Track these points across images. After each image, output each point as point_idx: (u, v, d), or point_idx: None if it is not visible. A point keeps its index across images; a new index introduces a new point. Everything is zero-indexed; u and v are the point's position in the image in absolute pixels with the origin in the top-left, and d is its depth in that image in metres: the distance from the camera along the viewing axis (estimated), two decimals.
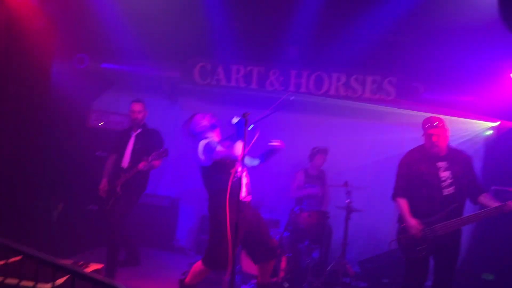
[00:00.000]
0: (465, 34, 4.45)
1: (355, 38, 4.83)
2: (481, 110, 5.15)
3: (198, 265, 3.45)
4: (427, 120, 3.56)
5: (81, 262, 3.28)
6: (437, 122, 3.48)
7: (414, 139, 5.07)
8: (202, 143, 3.46)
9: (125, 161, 4.48)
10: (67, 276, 2.38)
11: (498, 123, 5.06)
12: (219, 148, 3.36)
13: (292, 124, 5.78)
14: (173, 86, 5.78)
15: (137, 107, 4.53)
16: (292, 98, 4.43)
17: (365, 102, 5.38)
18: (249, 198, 3.55)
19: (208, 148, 3.38)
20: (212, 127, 3.62)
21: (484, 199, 3.45)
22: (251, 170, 3.67)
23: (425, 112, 5.47)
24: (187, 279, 3.48)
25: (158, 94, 5.86)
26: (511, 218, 3.40)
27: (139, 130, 4.56)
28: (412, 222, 3.42)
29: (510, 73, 4.60)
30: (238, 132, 3.34)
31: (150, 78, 5.66)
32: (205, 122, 3.63)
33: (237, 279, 4.43)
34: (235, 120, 3.38)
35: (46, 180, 4.70)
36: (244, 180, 3.47)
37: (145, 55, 5.49)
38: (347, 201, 4.78)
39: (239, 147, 3.27)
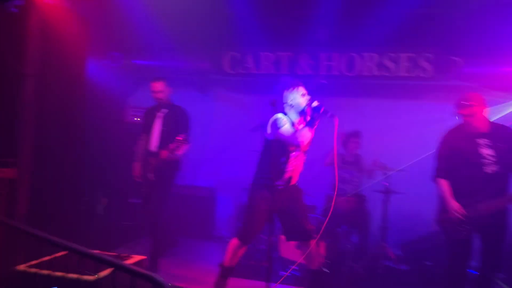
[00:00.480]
0: (503, 1, 4.18)
1: (385, 14, 4.65)
2: None
3: (233, 242, 3.53)
4: (458, 99, 3.39)
5: (125, 254, 3.41)
6: (467, 101, 3.30)
7: (454, 116, 4.90)
8: (275, 116, 3.37)
9: (153, 144, 4.35)
10: (111, 269, 2.48)
11: None
12: (285, 128, 3.28)
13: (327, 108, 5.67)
14: (204, 78, 5.82)
15: (156, 86, 4.36)
16: (323, 81, 4.37)
17: (401, 81, 5.19)
18: (293, 182, 3.51)
19: (276, 124, 3.31)
20: (300, 109, 3.38)
21: None
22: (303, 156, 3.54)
23: (466, 86, 5.26)
24: (226, 261, 3.55)
25: (190, 86, 5.93)
26: None
27: (165, 110, 4.40)
28: (454, 204, 3.30)
29: None
30: (312, 119, 3.28)
31: (181, 71, 5.72)
32: (297, 99, 3.37)
33: (275, 265, 4.47)
34: (314, 104, 3.29)
35: (89, 176, 4.89)
36: (290, 171, 3.42)
37: (175, 49, 5.57)
38: (385, 184, 4.68)
39: (305, 134, 3.24)
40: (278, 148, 3.31)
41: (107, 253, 3.51)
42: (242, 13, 4.88)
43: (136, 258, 3.37)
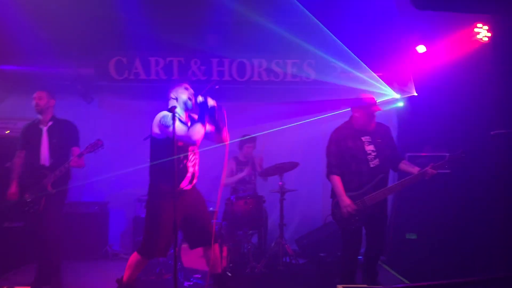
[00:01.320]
0: (374, 14, 4.71)
1: (272, 24, 4.89)
2: (391, 84, 5.55)
3: (133, 257, 3.32)
4: (369, 99, 3.72)
5: (5, 287, 2.98)
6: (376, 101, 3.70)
7: (339, 116, 5.35)
8: (161, 114, 3.25)
9: (44, 159, 4.05)
10: None
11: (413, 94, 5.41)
12: (176, 126, 3.10)
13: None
14: (88, 84, 5.40)
15: (38, 93, 4.12)
16: (217, 87, 4.39)
17: (288, 86, 5.50)
18: (191, 185, 3.42)
19: (164, 122, 3.17)
20: (184, 102, 3.35)
21: (405, 166, 3.77)
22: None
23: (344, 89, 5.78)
24: (125, 277, 3.32)
25: (72, 94, 5.44)
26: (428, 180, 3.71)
27: (50, 123, 4.15)
28: (347, 201, 3.60)
29: (415, 47, 4.98)
30: (200, 114, 3.21)
31: (61, 77, 5.22)
32: (179, 92, 3.37)
33: (179, 276, 4.35)
34: (200, 99, 3.25)
35: None
36: (191, 168, 3.35)
37: (53, 53, 5.04)
38: (280, 183, 4.90)
39: (197, 130, 3.17)
40: (170, 147, 3.11)
41: None
42: (129, 16, 4.65)
43: None
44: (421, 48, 4.95)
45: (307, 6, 4.51)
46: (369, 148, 3.70)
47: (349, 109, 3.86)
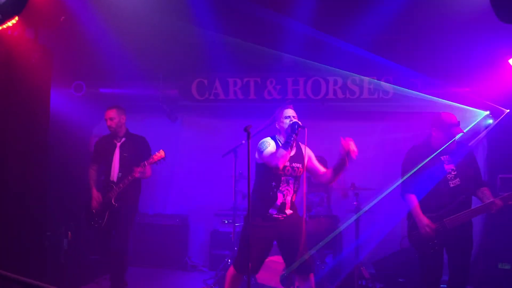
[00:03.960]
0: (458, 25, 4.46)
1: (349, 40, 4.86)
2: (479, 100, 5.16)
3: (230, 271, 3.49)
4: (452, 118, 3.48)
5: None
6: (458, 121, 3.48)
7: (411, 137, 5.12)
8: (261, 140, 3.35)
9: (114, 174, 4.23)
10: None
11: (507, 111, 4.98)
12: (268, 150, 3.22)
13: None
14: (172, 104, 5.80)
15: (108, 114, 4.28)
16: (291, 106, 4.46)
17: (364, 103, 5.38)
18: (282, 215, 3.40)
19: (260, 147, 3.29)
20: (285, 127, 3.33)
21: (480, 194, 3.46)
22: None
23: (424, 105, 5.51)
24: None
25: (158, 113, 5.89)
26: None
27: (123, 140, 4.32)
28: (425, 221, 3.40)
29: (508, 59, 4.59)
30: (287, 139, 3.21)
31: (149, 98, 5.68)
32: (284, 117, 3.36)
33: None
34: (286, 123, 3.28)
35: (53, 209, 4.69)
36: (281, 198, 3.33)
37: (142, 77, 5.54)
38: (355, 203, 4.77)
39: (280, 155, 3.13)
40: (267, 172, 3.25)
41: None
42: (209, 39, 4.93)
43: None
44: None
45: (384, 20, 4.41)
46: (449, 167, 3.48)
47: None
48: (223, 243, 5.65)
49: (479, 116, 5.33)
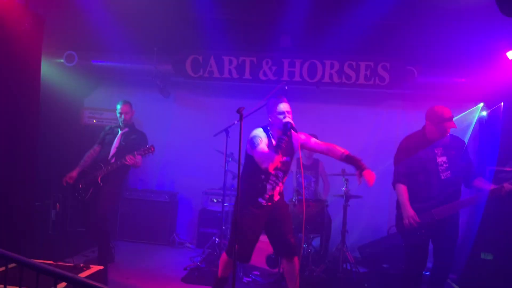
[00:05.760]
0: (457, 16, 4.42)
1: (347, 24, 4.78)
2: (475, 92, 5.15)
3: (223, 257, 3.54)
4: (445, 112, 3.42)
5: (82, 264, 3.27)
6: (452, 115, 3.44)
7: (408, 123, 5.11)
8: (253, 132, 3.30)
9: (111, 156, 4.51)
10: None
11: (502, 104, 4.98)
12: (258, 148, 3.16)
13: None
14: (165, 80, 5.71)
15: (124, 108, 4.57)
16: (286, 87, 4.40)
17: (360, 88, 5.33)
18: (275, 200, 3.44)
19: (252, 142, 3.23)
20: (277, 123, 3.27)
21: (479, 182, 3.50)
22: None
23: (420, 95, 5.50)
24: (219, 273, 3.56)
25: (151, 88, 5.79)
26: (509, 198, 3.41)
27: (126, 129, 4.61)
28: (410, 212, 3.42)
29: (506, 52, 4.56)
30: (279, 141, 3.13)
31: (142, 72, 5.57)
32: (277, 112, 3.26)
33: (239, 272, 4.46)
34: (279, 119, 3.22)
35: (42, 180, 4.66)
36: (270, 191, 3.37)
37: (136, 50, 5.42)
38: (344, 189, 4.79)
39: (271, 159, 3.04)
40: (256, 165, 3.20)
41: (63, 263, 3.36)
42: (206, 16, 4.83)
43: (94, 268, 3.24)
44: (511, 55, 4.52)
45: (384, 6, 4.33)
46: (441, 159, 3.48)
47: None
48: (212, 222, 5.68)
49: (473, 108, 5.35)
